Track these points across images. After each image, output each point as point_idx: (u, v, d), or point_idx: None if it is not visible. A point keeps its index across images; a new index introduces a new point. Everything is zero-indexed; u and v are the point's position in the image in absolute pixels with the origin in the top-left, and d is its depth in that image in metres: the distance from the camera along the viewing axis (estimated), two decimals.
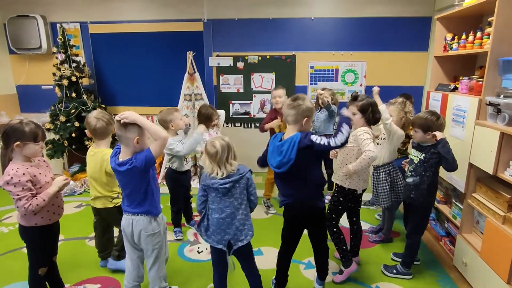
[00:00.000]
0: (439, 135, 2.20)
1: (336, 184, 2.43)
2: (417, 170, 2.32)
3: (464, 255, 2.42)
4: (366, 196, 2.93)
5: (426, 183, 2.29)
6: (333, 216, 2.42)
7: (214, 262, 2.01)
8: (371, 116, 2.30)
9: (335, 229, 2.40)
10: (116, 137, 1.85)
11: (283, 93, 3.33)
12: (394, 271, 2.48)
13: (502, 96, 2.15)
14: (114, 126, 2.04)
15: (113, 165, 1.82)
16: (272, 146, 2.00)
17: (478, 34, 2.55)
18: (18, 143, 1.77)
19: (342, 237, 2.40)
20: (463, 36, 2.71)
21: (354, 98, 2.34)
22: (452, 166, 2.17)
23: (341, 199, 2.40)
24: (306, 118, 1.93)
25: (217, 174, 1.82)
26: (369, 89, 4.06)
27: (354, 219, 2.50)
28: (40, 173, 1.86)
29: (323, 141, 1.86)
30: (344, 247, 2.40)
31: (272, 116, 3.35)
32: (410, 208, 2.43)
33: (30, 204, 1.75)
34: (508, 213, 2.04)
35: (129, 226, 1.90)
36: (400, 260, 2.53)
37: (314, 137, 1.89)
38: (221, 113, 3.26)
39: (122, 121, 1.72)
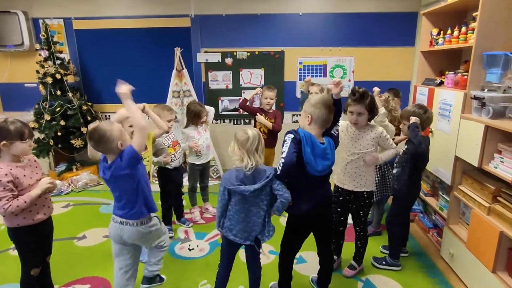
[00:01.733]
0: (412, 119, 2.23)
1: (363, 191, 2.23)
2: (400, 161, 2.38)
3: (451, 246, 2.48)
4: None
5: (407, 174, 2.32)
6: (367, 222, 2.39)
7: (226, 252, 1.98)
8: (376, 113, 2.21)
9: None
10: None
11: (274, 96, 3.36)
12: (384, 262, 2.52)
13: (486, 90, 2.20)
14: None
15: (101, 173, 1.81)
16: (313, 150, 1.78)
17: (463, 29, 2.59)
18: (4, 142, 1.73)
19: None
20: (449, 31, 2.76)
21: (362, 96, 2.08)
22: (416, 148, 2.17)
23: (372, 200, 2.35)
24: None
25: (247, 164, 1.75)
26: (357, 85, 4.08)
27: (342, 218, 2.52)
28: (24, 175, 1.80)
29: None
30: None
31: (259, 111, 3.37)
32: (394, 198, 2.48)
33: (10, 205, 1.69)
34: (492, 204, 2.09)
35: (117, 235, 1.89)
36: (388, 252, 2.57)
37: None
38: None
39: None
